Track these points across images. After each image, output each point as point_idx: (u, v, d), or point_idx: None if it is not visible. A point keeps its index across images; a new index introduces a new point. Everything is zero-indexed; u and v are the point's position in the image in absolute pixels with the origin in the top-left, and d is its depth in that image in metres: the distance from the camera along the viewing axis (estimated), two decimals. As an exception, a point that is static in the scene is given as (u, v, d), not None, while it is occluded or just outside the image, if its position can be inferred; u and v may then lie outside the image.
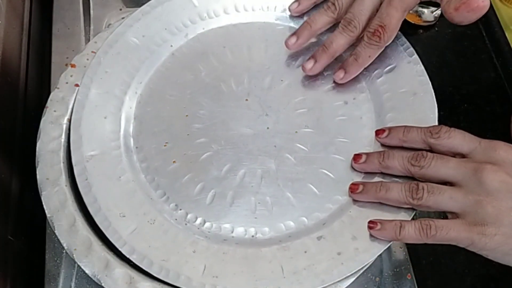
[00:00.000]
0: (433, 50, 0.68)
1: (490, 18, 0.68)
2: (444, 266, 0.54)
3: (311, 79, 0.52)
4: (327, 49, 0.50)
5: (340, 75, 0.50)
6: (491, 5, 0.68)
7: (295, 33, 0.52)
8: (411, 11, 0.68)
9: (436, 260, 0.54)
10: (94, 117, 0.49)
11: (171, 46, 0.53)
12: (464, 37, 0.69)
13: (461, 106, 0.63)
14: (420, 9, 0.69)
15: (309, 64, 0.51)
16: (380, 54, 0.51)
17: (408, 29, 0.68)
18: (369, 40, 0.48)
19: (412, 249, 0.53)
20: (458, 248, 0.42)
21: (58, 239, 0.43)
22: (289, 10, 0.54)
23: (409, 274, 0.52)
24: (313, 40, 0.54)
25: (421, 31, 0.69)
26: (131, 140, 0.49)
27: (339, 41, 0.50)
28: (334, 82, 0.51)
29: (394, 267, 0.53)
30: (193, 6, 0.54)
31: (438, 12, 0.68)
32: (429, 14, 0.68)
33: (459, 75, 0.66)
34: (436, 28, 0.69)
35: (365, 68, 0.51)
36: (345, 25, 0.49)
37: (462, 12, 0.44)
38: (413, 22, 0.68)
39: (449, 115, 0.61)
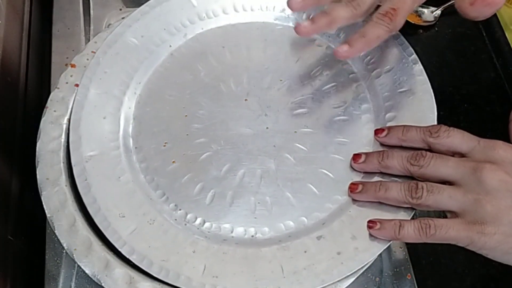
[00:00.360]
0: (433, 50, 0.68)
1: (490, 18, 0.67)
2: (444, 266, 0.54)
3: (310, 78, 0.52)
4: (328, 14, 0.47)
5: (344, 48, 0.46)
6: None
7: None
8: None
9: (436, 260, 0.54)
10: (93, 117, 0.49)
11: (170, 46, 0.54)
12: (464, 37, 0.69)
13: (461, 106, 0.63)
14: (420, 9, 0.69)
15: (306, 23, 0.48)
16: (379, 53, 0.51)
17: (408, 29, 0.68)
18: (379, 20, 0.46)
19: (412, 249, 0.53)
20: (458, 248, 0.42)
21: (58, 239, 0.43)
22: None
23: (409, 274, 0.52)
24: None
25: (421, 31, 0.69)
26: (130, 140, 0.49)
27: (340, 12, 0.47)
28: (334, 81, 0.51)
29: (394, 267, 0.53)
30: (192, 6, 0.54)
31: (438, 12, 0.68)
32: (429, 14, 0.68)
33: (459, 75, 0.66)
34: (436, 28, 0.69)
35: (364, 68, 0.51)
36: (350, 0, 0.47)
37: (478, 6, 0.43)
38: (413, 22, 0.68)
39: (449, 115, 0.61)
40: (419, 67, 0.51)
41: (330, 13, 0.47)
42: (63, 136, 0.48)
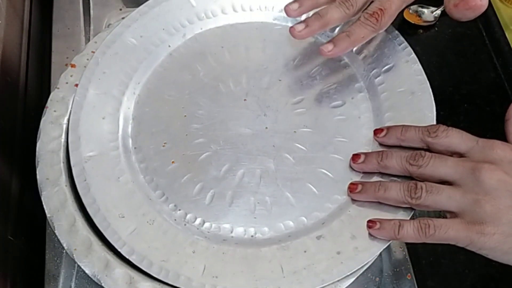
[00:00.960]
0: (433, 50, 0.68)
1: (490, 18, 0.68)
2: (444, 266, 0.54)
3: (309, 78, 0.52)
4: (321, 17, 0.48)
5: (328, 47, 0.48)
6: (491, 5, 0.68)
7: (297, 0, 0.50)
8: (410, 11, 0.68)
9: (436, 260, 0.54)
10: (92, 118, 0.49)
11: (169, 46, 0.54)
12: (464, 37, 0.69)
13: (461, 106, 0.63)
14: (420, 9, 0.69)
15: (300, 27, 0.49)
16: (378, 53, 0.51)
17: (408, 29, 0.68)
18: (366, 21, 0.47)
19: (412, 249, 0.53)
20: (458, 248, 0.41)
21: (58, 239, 0.44)
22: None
23: (409, 274, 0.52)
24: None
25: (421, 31, 0.69)
26: (130, 140, 0.49)
27: (334, 14, 0.48)
28: (333, 81, 0.52)
29: (394, 267, 0.53)
30: (190, 6, 0.54)
31: (438, 12, 0.68)
32: (429, 14, 0.68)
33: (459, 75, 0.66)
34: (436, 28, 0.69)
35: (362, 67, 0.51)
36: (343, 1, 0.48)
37: (460, 9, 0.46)
38: (413, 22, 0.68)
39: (449, 115, 0.61)
40: (418, 66, 0.50)
41: (323, 16, 0.48)
42: (63, 136, 0.48)
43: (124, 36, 0.52)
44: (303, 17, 0.51)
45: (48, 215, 0.44)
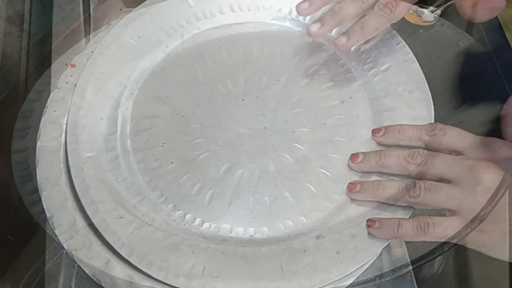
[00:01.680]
0: (433, 50, 0.67)
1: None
2: (444, 266, 0.54)
3: (307, 78, 0.52)
4: (336, 14, 0.50)
5: (342, 40, 0.50)
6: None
7: None
8: (411, 11, 0.68)
9: (436, 260, 0.54)
10: (91, 118, 0.49)
11: (167, 46, 0.54)
12: (464, 37, 0.69)
13: (461, 106, 0.63)
14: (420, 9, 0.68)
15: (315, 26, 0.50)
16: (376, 53, 0.51)
17: (408, 29, 0.68)
18: (380, 11, 0.48)
19: (412, 248, 0.53)
20: (458, 247, 0.41)
21: (58, 239, 0.44)
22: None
23: (409, 274, 0.52)
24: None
25: (421, 31, 0.69)
26: (128, 141, 0.49)
27: (349, 9, 0.50)
28: (331, 81, 0.52)
29: (394, 267, 0.52)
30: (188, 7, 0.55)
31: (438, 12, 0.68)
32: (429, 14, 0.68)
33: (459, 75, 0.66)
34: (436, 28, 0.69)
35: (361, 67, 0.51)
36: None
37: (478, 9, 0.46)
38: (413, 22, 0.68)
39: (449, 115, 0.61)
40: (415, 66, 0.51)
41: (338, 13, 0.50)
42: (63, 136, 0.48)
43: (122, 37, 0.52)
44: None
45: (48, 215, 0.44)
